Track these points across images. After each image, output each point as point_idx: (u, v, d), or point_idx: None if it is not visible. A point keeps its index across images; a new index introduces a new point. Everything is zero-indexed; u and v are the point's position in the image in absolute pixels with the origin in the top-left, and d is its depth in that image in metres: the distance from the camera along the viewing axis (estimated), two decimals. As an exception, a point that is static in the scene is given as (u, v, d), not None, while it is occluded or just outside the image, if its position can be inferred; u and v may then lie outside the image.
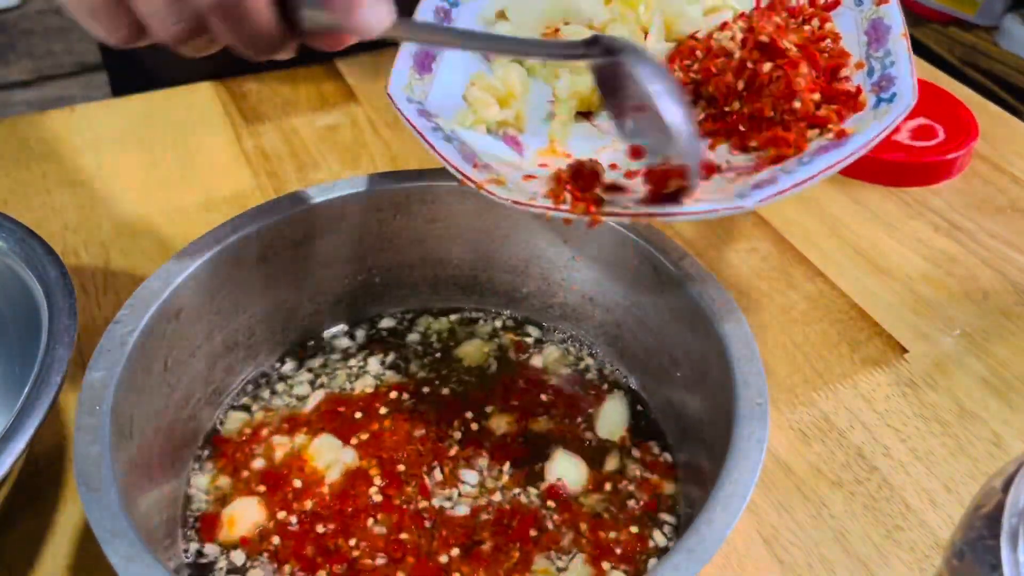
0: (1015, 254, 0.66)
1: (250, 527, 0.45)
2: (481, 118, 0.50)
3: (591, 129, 0.52)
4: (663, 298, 0.48)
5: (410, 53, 0.53)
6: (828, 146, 0.43)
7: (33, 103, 2.07)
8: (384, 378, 0.53)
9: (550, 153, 0.50)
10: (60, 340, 0.44)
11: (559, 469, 0.48)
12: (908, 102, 0.43)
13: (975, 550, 0.31)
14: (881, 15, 0.48)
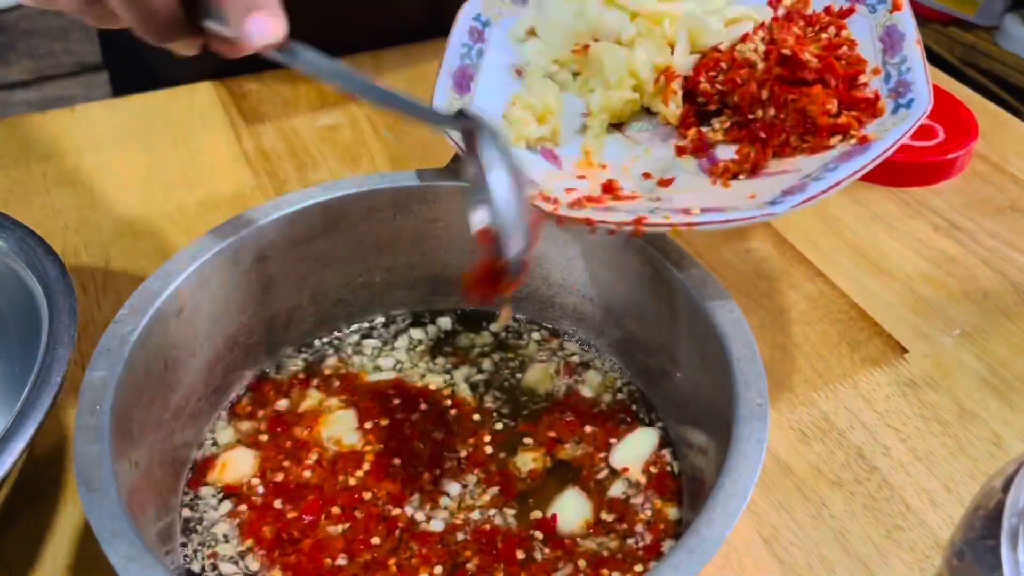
0: (1015, 254, 0.66)
1: (238, 477, 0.47)
2: (521, 135, 0.52)
3: (624, 140, 0.54)
4: (663, 298, 0.48)
5: (449, 73, 0.54)
6: (852, 152, 0.44)
7: (33, 103, 2.07)
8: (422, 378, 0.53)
9: (586, 165, 0.52)
10: (60, 340, 0.44)
11: (561, 505, 0.46)
12: (925, 107, 0.45)
13: (975, 550, 0.31)
14: (895, 22, 0.50)
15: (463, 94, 0.54)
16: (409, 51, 0.86)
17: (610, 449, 0.49)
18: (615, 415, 0.51)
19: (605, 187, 0.49)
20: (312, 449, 0.49)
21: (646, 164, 0.52)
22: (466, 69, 0.56)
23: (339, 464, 0.48)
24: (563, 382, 0.53)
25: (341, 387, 0.52)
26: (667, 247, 0.48)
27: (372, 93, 0.46)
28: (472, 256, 0.55)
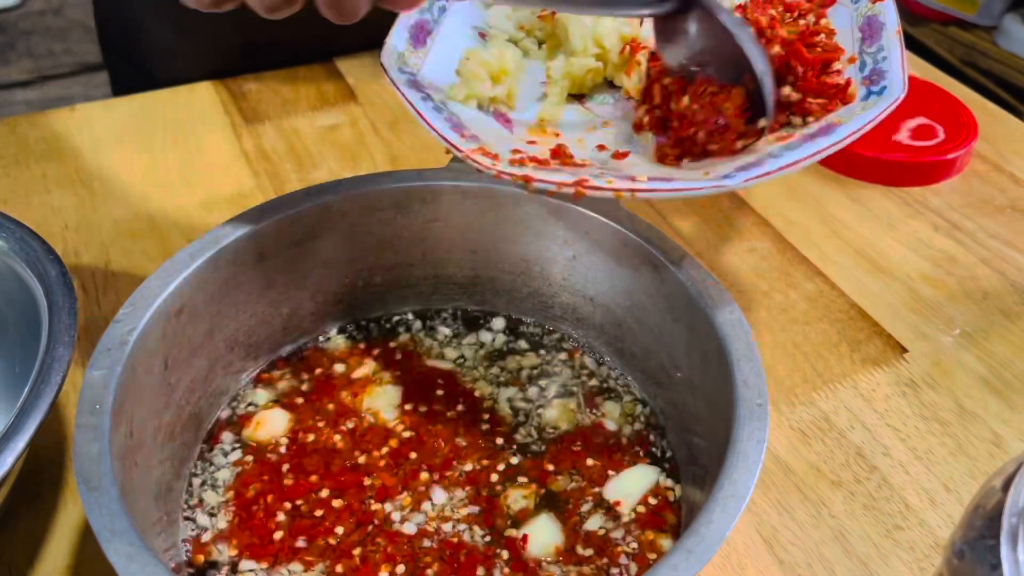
0: (1015, 254, 0.66)
1: (269, 436, 0.49)
2: (473, 93, 0.50)
3: (582, 111, 0.53)
4: (663, 298, 0.48)
5: (406, 25, 0.53)
6: (816, 133, 0.43)
7: (33, 103, 2.08)
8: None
9: (539, 132, 0.50)
10: (60, 340, 0.44)
11: (533, 528, 0.45)
12: (897, 94, 0.44)
13: (975, 549, 0.31)
14: (876, 12, 0.49)
15: (418, 47, 0.52)
16: (409, 51, 0.86)
17: (607, 481, 0.48)
18: (629, 447, 0.49)
19: (554, 152, 0.47)
20: (350, 417, 0.50)
21: (602, 137, 0.50)
22: (424, 24, 0.54)
23: (366, 437, 0.49)
24: (586, 416, 0.51)
25: (400, 362, 0.53)
26: (667, 247, 0.48)
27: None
28: (472, 256, 0.55)
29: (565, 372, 0.53)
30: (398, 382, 0.52)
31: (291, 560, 0.44)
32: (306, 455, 0.49)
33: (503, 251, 0.55)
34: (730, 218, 0.68)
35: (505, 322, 0.56)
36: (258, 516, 0.46)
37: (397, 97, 0.49)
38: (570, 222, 0.52)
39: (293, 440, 0.49)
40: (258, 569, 0.44)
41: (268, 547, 0.45)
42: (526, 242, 0.54)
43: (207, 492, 0.47)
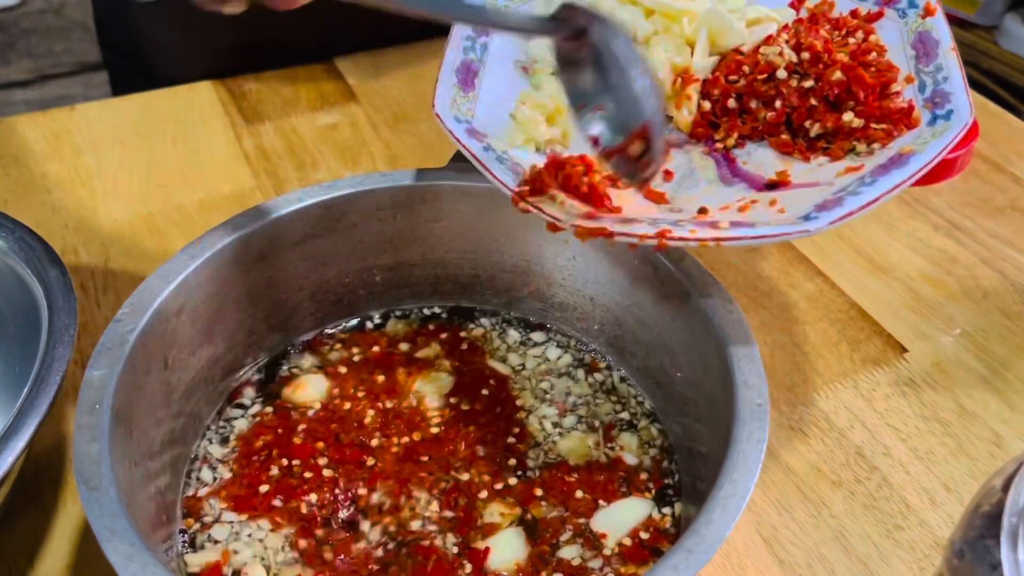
0: (1015, 254, 0.66)
1: (306, 399, 0.51)
2: (531, 137, 0.50)
3: None
4: (663, 298, 0.48)
5: (452, 68, 0.52)
6: (888, 165, 0.42)
7: (33, 103, 2.07)
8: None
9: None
10: (60, 339, 0.44)
11: (497, 541, 0.45)
12: (966, 119, 0.43)
13: (975, 549, 0.31)
14: (928, 28, 0.48)
15: (468, 91, 0.52)
16: (409, 51, 0.86)
17: (596, 512, 0.46)
18: (634, 479, 0.48)
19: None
20: (394, 396, 0.51)
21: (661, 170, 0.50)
22: (470, 64, 0.53)
23: (396, 421, 0.50)
24: (602, 452, 0.49)
25: (463, 353, 0.54)
26: (667, 247, 0.48)
27: (453, 11, 0.42)
28: (472, 255, 0.55)
29: (605, 406, 0.51)
30: (455, 372, 0.53)
31: (264, 517, 0.45)
32: (326, 422, 0.49)
33: (503, 251, 0.55)
34: (730, 218, 0.68)
35: (571, 345, 0.55)
36: (254, 467, 0.47)
37: (397, 97, 0.50)
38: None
39: (325, 407, 0.50)
40: (236, 521, 0.45)
41: (251, 500, 0.46)
42: (526, 242, 0.54)
43: (214, 446, 0.48)
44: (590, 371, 0.53)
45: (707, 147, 0.49)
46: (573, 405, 0.51)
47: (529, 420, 0.51)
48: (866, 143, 0.45)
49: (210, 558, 0.44)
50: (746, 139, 0.49)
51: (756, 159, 0.47)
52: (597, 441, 0.49)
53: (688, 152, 0.49)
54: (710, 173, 0.47)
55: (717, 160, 0.48)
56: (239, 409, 0.51)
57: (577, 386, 0.52)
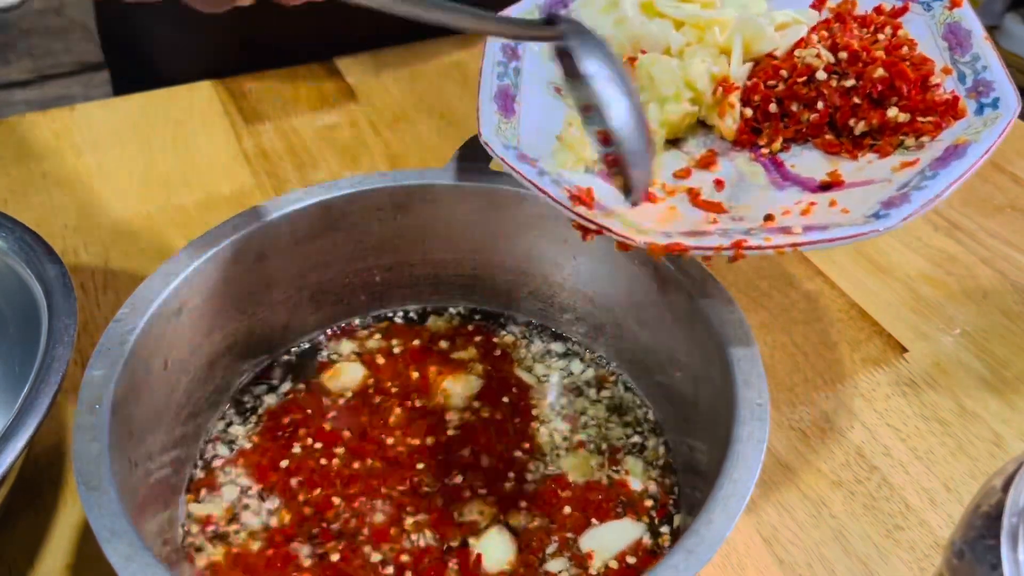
0: (1015, 253, 0.66)
1: (341, 386, 0.52)
2: (581, 157, 0.49)
3: (681, 156, 0.51)
4: (663, 298, 0.48)
5: (490, 96, 0.51)
6: (945, 157, 0.42)
7: (33, 103, 2.08)
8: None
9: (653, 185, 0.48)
10: (60, 339, 0.44)
11: (485, 545, 0.45)
12: (1015, 106, 0.43)
13: (975, 549, 0.31)
14: (957, 19, 0.48)
15: (509, 117, 0.51)
16: (409, 51, 0.86)
17: (587, 530, 0.46)
18: (639, 506, 0.47)
19: (692, 198, 0.46)
20: (426, 394, 0.52)
21: (700, 181, 0.48)
22: (506, 90, 0.53)
23: (419, 423, 0.50)
24: (605, 473, 0.48)
25: (496, 359, 0.54)
26: (667, 247, 0.48)
27: (443, 15, 0.42)
28: (472, 255, 0.55)
29: (616, 431, 0.51)
30: (484, 376, 0.53)
31: (279, 491, 0.47)
32: (356, 413, 0.51)
33: (503, 251, 0.55)
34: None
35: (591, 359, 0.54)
36: (280, 440, 0.49)
37: (397, 97, 0.49)
38: (570, 222, 0.51)
39: (358, 394, 0.52)
40: (253, 489, 0.46)
41: (271, 473, 0.47)
42: (526, 242, 0.54)
43: (235, 427, 0.50)
44: (602, 384, 0.53)
45: (753, 153, 0.49)
46: (584, 424, 0.51)
47: (540, 431, 0.50)
48: (915, 137, 0.45)
49: (212, 511, 0.46)
50: (791, 142, 0.49)
51: (803, 161, 0.47)
52: (601, 462, 0.49)
53: (733, 160, 0.49)
54: (760, 179, 0.47)
55: (765, 165, 0.48)
56: (265, 386, 0.52)
57: (593, 408, 0.52)
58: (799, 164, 0.47)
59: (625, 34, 0.53)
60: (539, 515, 0.46)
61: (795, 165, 0.47)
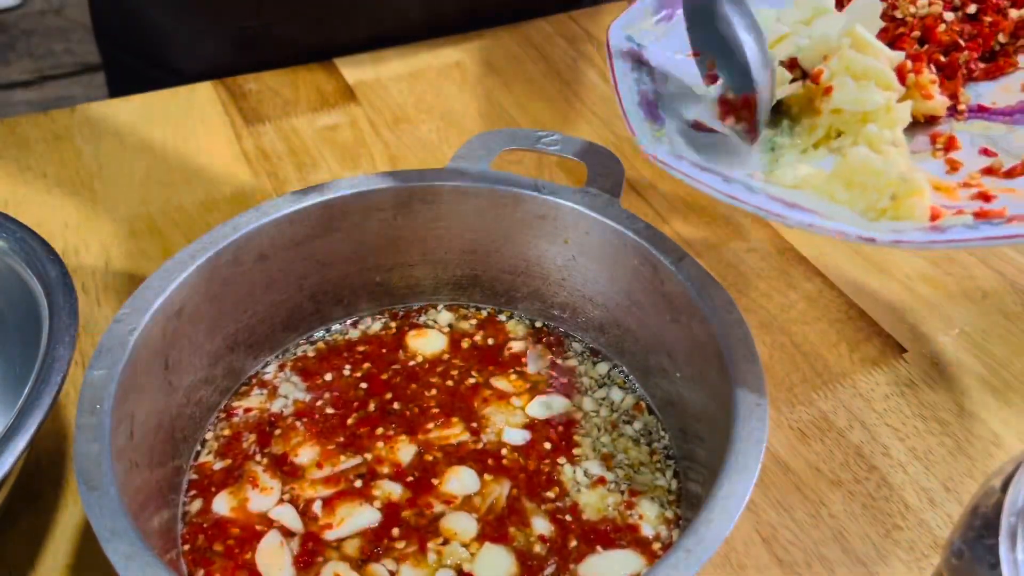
0: (1014, 254, 0.66)
1: (432, 351, 0.54)
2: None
3: (925, 157, 0.46)
4: (663, 298, 0.48)
5: (634, 104, 0.47)
6: None
7: (33, 103, 2.08)
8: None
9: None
10: (60, 340, 0.44)
11: (481, 564, 0.43)
12: None
13: (974, 549, 0.32)
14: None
15: (659, 125, 0.47)
16: (409, 51, 0.86)
17: (588, 556, 0.45)
18: (648, 550, 0.45)
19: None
20: (492, 400, 0.51)
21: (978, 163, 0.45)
22: (646, 95, 0.49)
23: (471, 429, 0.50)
24: (618, 512, 0.46)
25: (565, 385, 0.53)
26: (666, 247, 0.48)
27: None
28: (472, 255, 0.55)
29: (645, 475, 0.49)
30: (554, 394, 0.52)
31: (336, 444, 0.49)
32: (417, 378, 0.52)
33: (503, 251, 0.55)
34: (729, 218, 0.68)
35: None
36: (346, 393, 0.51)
37: (397, 97, 0.49)
38: (569, 222, 0.52)
39: (435, 361, 0.53)
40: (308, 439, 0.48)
41: (338, 429, 0.49)
42: (526, 242, 0.54)
43: (280, 380, 0.52)
44: (635, 416, 0.51)
45: (959, 116, 0.47)
46: (618, 464, 0.49)
47: (565, 471, 0.48)
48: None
49: (251, 403, 0.50)
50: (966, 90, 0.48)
51: (993, 95, 0.47)
52: (618, 504, 0.47)
53: (957, 131, 0.47)
54: (1000, 129, 0.46)
55: (983, 117, 0.47)
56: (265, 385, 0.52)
57: (636, 450, 0.49)
58: (996, 100, 0.47)
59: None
60: (538, 541, 0.45)
61: (995, 102, 0.47)
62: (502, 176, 0.53)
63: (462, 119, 0.78)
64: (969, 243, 0.38)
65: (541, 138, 0.57)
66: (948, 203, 0.41)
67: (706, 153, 0.46)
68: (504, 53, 0.87)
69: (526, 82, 0.83)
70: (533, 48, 0.88)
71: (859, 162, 0.42)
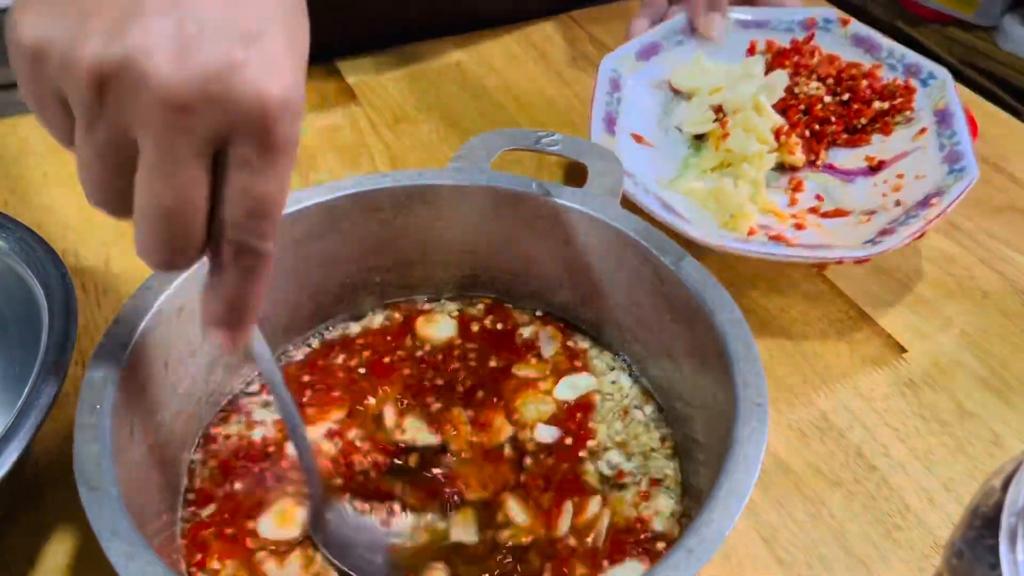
0: (1014, 254, 0.66)
1: (440, 338, 0.54)
2: (742, 214, 0.62)
3: (780, 191, 0.65)
4: (663, 298, 0.48)
5: (600, 118, 0.64)
6: (924, 202, 0.59)
7: (33, 103, 2.07)
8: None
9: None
10: (60, 340, 0.44)
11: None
12: (974, 174, 0.59)
13: (974, 549, 0.32)
14: (948, 102, 0.65)
15: (611, 133, 0.63)
16: (409, 51, 0.86)
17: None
18: (652, 550, 0.45)
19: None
20: (508, 398, 0.52)
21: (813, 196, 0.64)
22: (610, 113, 0.65)
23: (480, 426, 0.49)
24: (632, 507, 0.46)
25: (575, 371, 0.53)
26: (667, 247, 0.48)
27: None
28: (472, 255, 0.55)
29: (659, 461, 0.48)
30: (577, 373, 0.53)
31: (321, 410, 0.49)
32: (421, 364, 0.52)
33: (503, 251, 0.55)
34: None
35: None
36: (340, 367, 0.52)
37: (397, 97, 0.50)
38: (570, 222, 0.52)
39: (443, 349, 0.53)
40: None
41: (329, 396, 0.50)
42: (526, 242, 0.54)
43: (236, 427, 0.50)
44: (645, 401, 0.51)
45: (812, 169, 0.65)
46: (632, 454, 0.48)
47: (588, 468, 0.48)
48: (899, 113, 0.66)
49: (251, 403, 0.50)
50: (825, 151, 0.66)
51: (842, 160, 0.65)
52: (635, 499, 0.46)
53: (808, 179, 0.65)
54: (836, 182, 0.64)
55: (828, 173, 0.65)
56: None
57: (647, 435, 0.49)
58: (844, 162, 0.64)
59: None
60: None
61: (843, 163, 0.64)
62: (502, 176, 0.53)
63: (462, 119, 0.78)
64: (756, 253, 0.56)
65: (541, 138, 0.57)
66: (775, 225, 0.60)
67: (636, 159, 0.62)
68: (504, 53, 0.87)
69: (526, 82, 0.83)
70: (533, 48, 0.88)
71: (722, 188, 0.59)
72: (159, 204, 0.31)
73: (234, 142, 0.31)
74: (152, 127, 0.30)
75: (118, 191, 0.33)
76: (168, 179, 0.31)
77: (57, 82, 0.31)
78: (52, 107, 0.33)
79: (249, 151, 0.31)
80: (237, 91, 0.30)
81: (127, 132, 0.31)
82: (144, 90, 0.29)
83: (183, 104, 0.29)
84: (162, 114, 0.30)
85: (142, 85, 0.29)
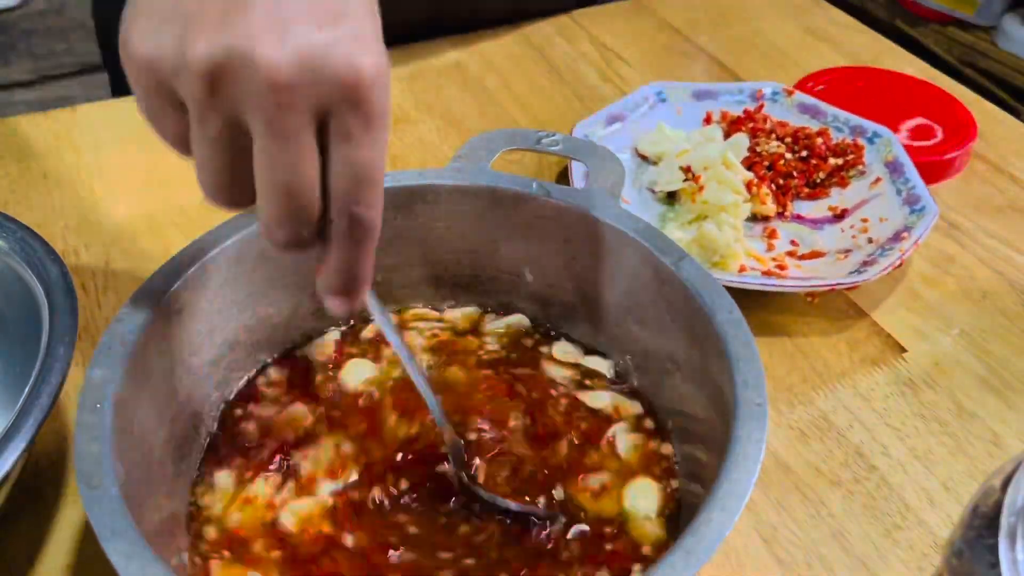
0: (1014, 254, 0.66)
1: (354, 385, 0.52)
2: (731, 254, 0.64)
3: (757, 239, 0.67)
4: (663, 299, 0.48)
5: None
6: (895, 237, 0.62)
7: (34, 103, 2.08)
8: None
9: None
10: (60, 340, 0.44)
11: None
12: (935, 210, 0.63)
13: (974, 549, 0.32)
14: (895, 155, 0.69)
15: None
16: (409, 51, 0.86)
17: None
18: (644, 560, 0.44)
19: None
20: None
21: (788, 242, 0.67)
22: (587, 172, 0.63)
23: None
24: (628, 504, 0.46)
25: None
26: (666, 247, 0.48)
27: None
28: (472, 255, 0.55)
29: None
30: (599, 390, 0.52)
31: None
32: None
33: (503, 251, 0.55)
34: (729, 218, 0.68)
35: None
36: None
37: (397, 97, 0.50)
38: (570, 222, 0.52)
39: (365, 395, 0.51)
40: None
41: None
42: (526, 242, 0.54)
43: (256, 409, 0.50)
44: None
45: (782, 219, 0.68)
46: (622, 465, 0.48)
47: (580, 482, 0.47)
48: (856, 170, 0.70)
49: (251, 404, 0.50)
50: (790, 202, 0.69)
51: (807, 210, 0.69)
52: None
53: (779, 227, 0.67)
54: (804, 229, 0.67)
55: (796, 222, 0.68)
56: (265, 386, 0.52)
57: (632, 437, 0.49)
58: (809, 212, 0.69)
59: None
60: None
61: (808, 213, 0.68)
62: (502, 176, 0.53)
63: (462, 119, 0.78)
64: (752, 286, 0.59)
65: (541, 138, 0.57)
66: (758, 266, 0.63)
67: None
68: (504, 53, 0.87)
69: (526, 82, 0.83)
70: (533, 48, 0.88)
71: (707, 234, 0.62)
72: (279, 180, 0.34)
73: (335, 113, 0.33)
74: (261, 108, 0.32)
75: (236, 181, 0.35)
76: (282, 154, 0.33)
77: (171, 84, 0.34)
78: (167, 114, 0.35)
79: (349, 121, 0.33)
80: (334, 65, 0.32)
81: (239, 118, 0.33)
82: (251, 74, 0.32)
83: (287, 82, 0.32)
84: (270, 94, 0.32)
85: (250, 69, 0.32)
